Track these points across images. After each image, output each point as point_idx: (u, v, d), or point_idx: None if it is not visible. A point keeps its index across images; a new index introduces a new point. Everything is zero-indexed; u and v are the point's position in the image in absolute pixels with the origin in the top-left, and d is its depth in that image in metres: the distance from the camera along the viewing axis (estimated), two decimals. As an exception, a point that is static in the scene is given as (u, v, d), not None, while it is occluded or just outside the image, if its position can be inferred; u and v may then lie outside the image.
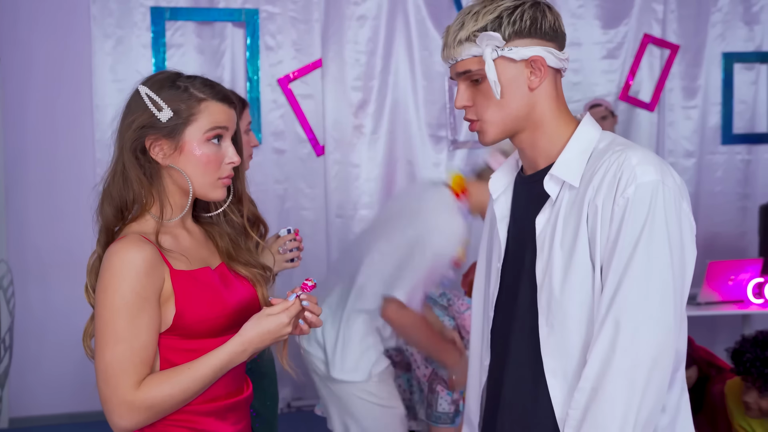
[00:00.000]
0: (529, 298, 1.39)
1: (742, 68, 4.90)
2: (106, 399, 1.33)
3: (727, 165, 4.91)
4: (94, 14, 4.22)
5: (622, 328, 1.25)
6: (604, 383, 1.25)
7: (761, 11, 4.86)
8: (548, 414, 1.35)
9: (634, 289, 1.25)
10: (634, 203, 1.26)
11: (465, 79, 1.39)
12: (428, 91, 4.55)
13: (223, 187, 1.45)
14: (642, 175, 1.27)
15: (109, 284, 1.33)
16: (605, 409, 1.25)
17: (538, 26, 1.35)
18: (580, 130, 1.39)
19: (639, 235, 1.25)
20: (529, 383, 1.39)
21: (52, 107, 4.26)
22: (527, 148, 1.42)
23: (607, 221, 1.28)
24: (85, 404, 4.33)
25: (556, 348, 1.34)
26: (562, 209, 1.35)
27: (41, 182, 4.27)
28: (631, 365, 1.24)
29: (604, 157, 1.33)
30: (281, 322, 1.37)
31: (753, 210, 4.81)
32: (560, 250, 1.33)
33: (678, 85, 4.82)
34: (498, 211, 1.48)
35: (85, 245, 4.36)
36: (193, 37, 4.34)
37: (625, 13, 4.73)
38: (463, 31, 1.35)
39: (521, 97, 1.36)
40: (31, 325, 4.17)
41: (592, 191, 1.31)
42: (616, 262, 1.26)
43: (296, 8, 4.42)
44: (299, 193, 4.50)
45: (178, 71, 1.48)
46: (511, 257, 1.46)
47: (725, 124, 4.88)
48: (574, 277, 1.31)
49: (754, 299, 3.65)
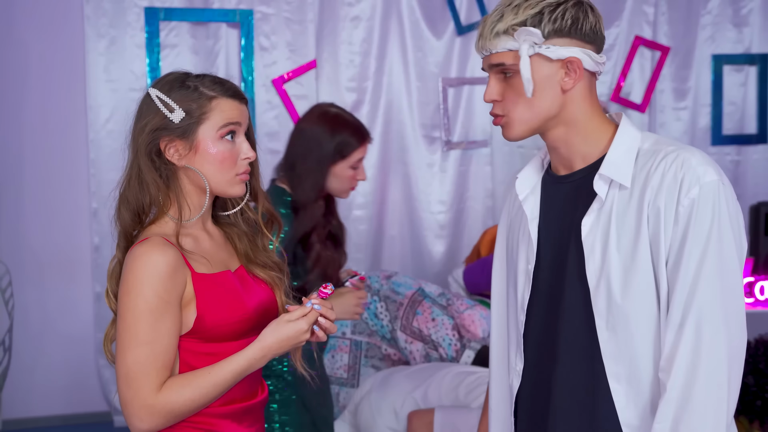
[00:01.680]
0: (579, 300, 1.35)
1: (731, 70, 4.96)
2: (127, 402, 1.33)
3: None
4: (87, 14, 4.20)
5: (705, 333, 1.24)
6: (694, 391, 1.23)
7: (750, 14, 4.92)
8: (611, 420, 1.33)
9: (710, 290, 1.24)
10: (700, 204, 1.25)
11: (497, 72, 1.36)
12: (422, 92, 4.57)
13: (241, 183, 1.46)
14: (704, 176, 1.26)
15: (133, 287, 1.33)
16: (698, 415, 1.23)
17: (579, 26, 1.32)
18: (623, 130, 1.37)
19: (708, 236, 1.25)
20: (585, 388, 1.35)
21: (45, 107, 4.24)
22: (561, 146, 1.39)
23: (671, 223, 1.27)
24: (76, 406, 4.33)
25: (619, 352, 1.31)
26: (614, 211, 1.32)
27: (36, 183, 4.25)
28: (718, 368, 1.24)
29: (657, 158, 1.31)
30: (300, 328, 1.38)
31: (743, 210, 4.86)
32: (617, 252, 1.30)
33: (668, 87, 4.87)
34: (528, 211, 1.44)
35: (81, 245, 4.37)
36: (188, 37, 4.33)
37: (617, 15, 4.77)
38: (501, 23, 1.32)
39: (553, 97, 1.34)
40: (25, 326, 4.15)
41: (651, 193, 1.29)
42: (686, 264, 1.25)
43: (290, 9, 4.42)
44: (293, 193, 4.50)
45: (187, 71, 1.48)
46: (546, 259, 1.42)
47: (715, 125, 4.94)
48: (636, 281, 1.29)
49: (745, 298, 3.70)
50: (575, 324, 1.36)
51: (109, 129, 4.24)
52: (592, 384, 1.34)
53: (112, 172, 4.20)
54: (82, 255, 4.30)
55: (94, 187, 4.24)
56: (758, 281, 3.71)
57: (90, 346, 4.32)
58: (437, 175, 4.61)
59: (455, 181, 4.63)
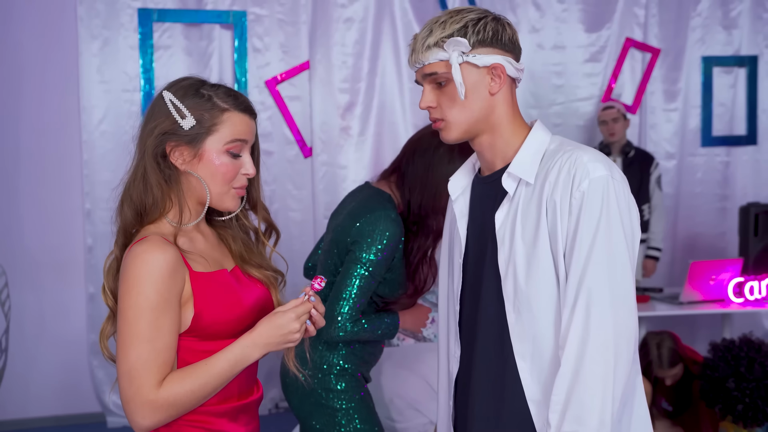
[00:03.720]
0: (493, 287, 1.49)
1: (721, 72, 5.00)
2: (129, 398, 1.34)
3: (707, 166, 5.00)
4: (80, 15, 4.20)
5: (593, 312, 1.36)
6: (582, 365, 1.35)
7: (739, 16, 4.97)
8: (518, 395, 1.45)
9: (598, 274, 1.36)
10: (589, 196, 1.38)
11: (430, 81, 1.50)
12: (415, 93, 4.58)
13: (236, 197, 1.48)
14: (593, 171, 1.39)
15: (134, 285, 1.34)
16: (587, 388, 1.34)
17: (499, 37, 1.47)
18: (533, 134, 1.51)
19: (597, 225, 1.37)
20: (498, 367, 1.48)
21: (39, 109, 4.24)
22: (486, 151, 1.53)
23: (566, 214, 1.40)
24: (70, 407, 4.33)
25: (524, 332, 1.44)
26: (521, 205, 1.46)
27: (29, 183, 4.25)
28: (604, 344, 1.35)
29: (556, 157, 1.45)
30: (289, 317, 1.41)
31: (732, 211, 4.91)
32: (522, 242, 1.45)
33: (659, 88, 4.91)
34: (458, 210, 1.60)
35: (74, 246, 4.36)
36: (181, 38, 4.34)
37: (608, 18, 4.81)
38: (431, 37, 1.47)
39: (482, 100, 1.48)
40: (19, 328, 4.15)
41: (549, 188, 1.42)
42: (578, 251, 1.38)
43: (284, 10, 4.44)
44: (287, 194, 4.52)
45: (203, 78, 1.49)
46: (472, 252, 1.56)
47: (705, 126, 4.98)
48: (537, 267, 1.42)
49: (735, 298, 3.74)
50: (490, 309, 1.50)
51: (103, 130, 4.24)
52: (502, 363, 1.48)
53: (106, 173, 4.21)
54: (75, 256, 4.30)
55: (88, 187, 4.24)
56: (748, 281, 3.74)
57: (83, 347, 4.32)
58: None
59: (448, 181, 4.64)
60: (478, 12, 1.48)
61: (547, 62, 4.78)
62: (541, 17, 4.75)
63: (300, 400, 2.12)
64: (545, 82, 4.80)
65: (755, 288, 3.73)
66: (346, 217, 2.14)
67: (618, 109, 4.34)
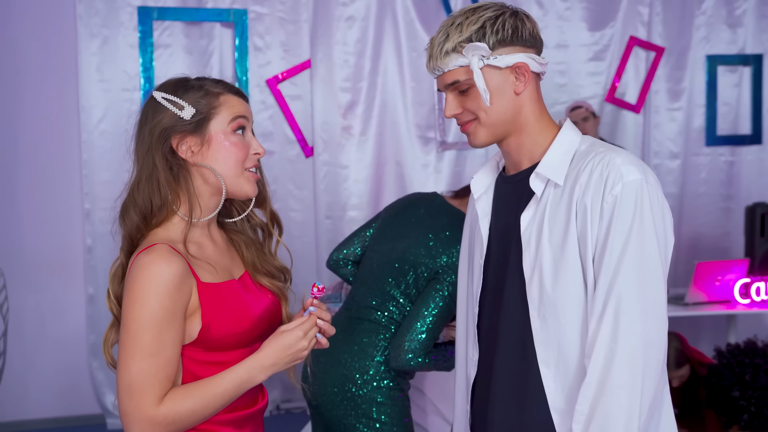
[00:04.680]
0: (516, 291, 1.44)
1: (725, 71, 4.96)
2: (128, 413, 1.31)
3: (711, 166, 4.97)
4: (80, 13, 4.17)
5: (622, 320, 1.31)
6: (609, 375, 1.30)
7: (744, 14, 4.93)
8: (541, 403, 1.40)
9: (628, 281, 1.31)
10: (622, 200, 1.33)
11: (453, 89, 1.44)
12: (417, 93, 4.55)
13: (252, 180, 1.45)
14: (627, 174, 1.34)
15: (138, 297, 1.31)
16: (613, 399, 1.30)
17: (519, 34, 1.42)
18: (563, 133, 1.46)
19: (629, 230, 1.32)
20: (520, 374, 1.43)
21: (38, 108, 4.21)
22: (513, 151, 1.48)
23: (596, 218, 1.35)
24: (69, 409, 4.30)
25: (549, 338, 1.39)
26: (548, 207, 1.40)
27: (28, 183, 4.22)
28: (632, 354, 1.30)
29: (587, 158, 1.40)
30: (296, 335, 1.38)
31: (736, 210, 4.87)
32: (549, 245, 1.39)
33: (663, 87, 4.87)
34: (480, 209, 1.54)
35: (73, 247, 4.33)
36: (181, 37, 4.30)
37: (611, 16, 4.77)
38: (448, 42, 1.41)
39: (508, 101, 1.42)
40: (18, 329, 4.12)
41: (579, 190, 1.37)
42: (609, 257, 1.33)
43: (285, 9, 4.40)
44: (288, 194, 4.48)
45: (187, 75, 1.49)
46: (494, 253, 1.51)
47: (709, 125, 4.94)
48: (565, 272, 1.37)
49: (741, 299, 3.70)
50: (513, 314, 1.45)
51: (102, 129, 4.21)
52: (524, 369, 1.43)
53: (105, 172, 4.18)
54: (75, 256, 4.27)
55: (87, 188, 4.21)
56: (754, 282, 3.70)
57: (83, 348, 4.29)
58: (432, 176, 4.60)
59: (450, 181, 4.62)
60: (495, 8, 1.42)
61: (550, 61, 4.73)
62: (544, 15, 4.71)
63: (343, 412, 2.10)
64: (548, 81, 4.76)
65: (761, 289, 3.70)
66: (435, 241, 2.11)
67: (586, 108, 4.32)
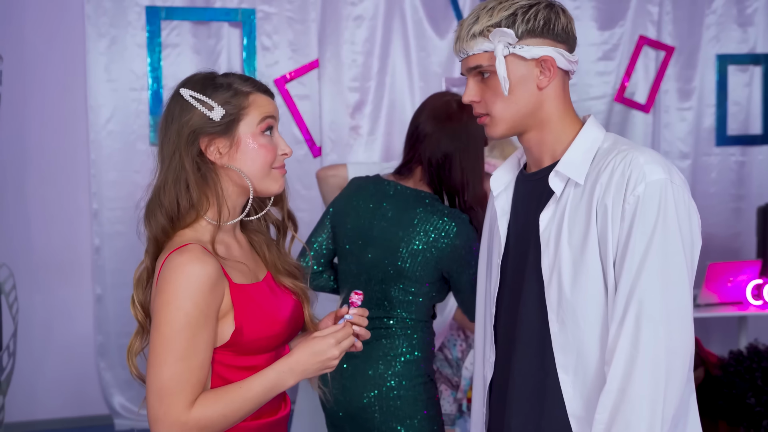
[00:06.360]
0: (535, 293, 1.40)
1: (736, 70, 4.93)
2: (158, 418, 1.27)
3: (722, 166, 4.93)
4: (88, 13, 4.16)
5: (644, 326, 1.26)
6: (630, 383, 1.26)
7: (755, 13, 4.89)
8: (559, 409, 1.36)
9: (651, 285, 1.26)
10: (645, 201, 1.27)
11: (475, 74, 1.41)
12: (425, 92, 4.52)
13: (279, 176, 1.42)
14: (651, 174, 1.29)
15: (173, 299, 1.27)
16: (633, 408, 1.25)
17: (551, 27, 1.37)
18: (586, 130, 1.41)
19: (652, 232, 1.27)
20: (538, 379, 1.39)
21: (46, 108, 4.21)
22: (534, 147, 1.43)
23: (617, 219, 1.30)
24: (77, 409, 4.29)
25: (567, 343, 1.35)
26: (568, 207, 1.36)
27: (36, 183, 4.21)
28: (654, 361, 1.25)
29: (609, 157, 1.34)
30: (328, 343, 1.36)
31: (747, 211, 4.84)
32: (568, 247, 1.34)
33: (673, 87, 4.84)
34: (499, 207, 1.50)
35: (81, 247, 4.32)
36: (189, 36, 4.29)
37: (621, 15, 4.74)
38: (477, 25, 1.37)
39: (529, 95, 1.38)
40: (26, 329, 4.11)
41: (600, 190, 1.32)
42: (630, 259, 1.27)
43: (293, 8, 4.39)
44: (296, 194, 4.47)
45: (212, 70, 1.45)
46: (513, 253, 1.47)
47: (719, 125, 4.91)
48: (585, 275, 1.32)
49: (753, 301, 3.67)
50: (531, 316, 1.40)
51: (110, 129, 4.20)
52: (543, 374, 1.39)
53: (113, 172, 4.17)
54: (82, 256, 4.26)
55: (95, 187, 4.20)
56: (766, 284, 3.68)
57: (90, 349, 4.28)
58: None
59: (458, 181, 4.60)
60: None
61: (560, 60, 4.72)
62: (553, 15, 4.69)
63: None
64: (558, 81, 4.74)
65: (774, 290, 3.67)
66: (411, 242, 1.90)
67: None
